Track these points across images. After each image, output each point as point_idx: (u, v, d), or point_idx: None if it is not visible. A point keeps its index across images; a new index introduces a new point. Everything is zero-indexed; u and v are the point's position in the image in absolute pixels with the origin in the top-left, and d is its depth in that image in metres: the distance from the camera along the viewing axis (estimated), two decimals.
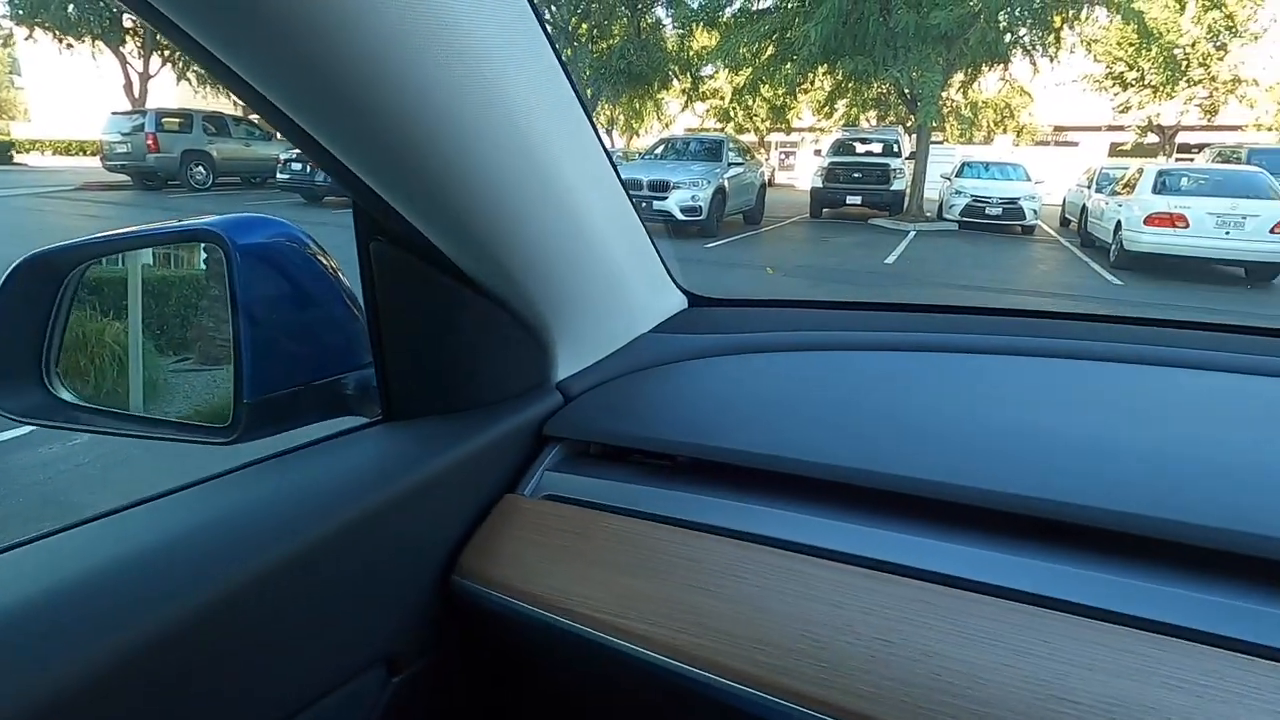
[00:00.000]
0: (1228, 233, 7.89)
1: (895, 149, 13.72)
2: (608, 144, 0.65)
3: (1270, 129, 20.97)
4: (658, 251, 0.79)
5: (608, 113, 19.94)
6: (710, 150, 11.43)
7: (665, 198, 9.98)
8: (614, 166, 0.66)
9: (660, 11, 14.94)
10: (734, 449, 0.57)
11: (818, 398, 0.67)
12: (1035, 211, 11.74)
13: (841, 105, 16.34)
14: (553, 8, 14.09)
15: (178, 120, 14.40)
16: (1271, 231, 7.70)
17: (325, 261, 0.66)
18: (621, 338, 0.73)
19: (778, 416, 0.63)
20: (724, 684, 0.44)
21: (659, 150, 12.14)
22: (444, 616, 0.55)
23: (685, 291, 0.89)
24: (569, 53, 14.41)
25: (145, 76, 18.39)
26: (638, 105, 19.90)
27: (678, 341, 0.78)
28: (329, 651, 0.48)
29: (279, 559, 0.44)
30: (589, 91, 14.80)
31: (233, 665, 0.42)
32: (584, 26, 14.60)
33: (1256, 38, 19.56)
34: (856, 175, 13.01)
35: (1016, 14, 11.60)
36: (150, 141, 13.70)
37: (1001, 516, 0.49)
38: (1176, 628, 0.41)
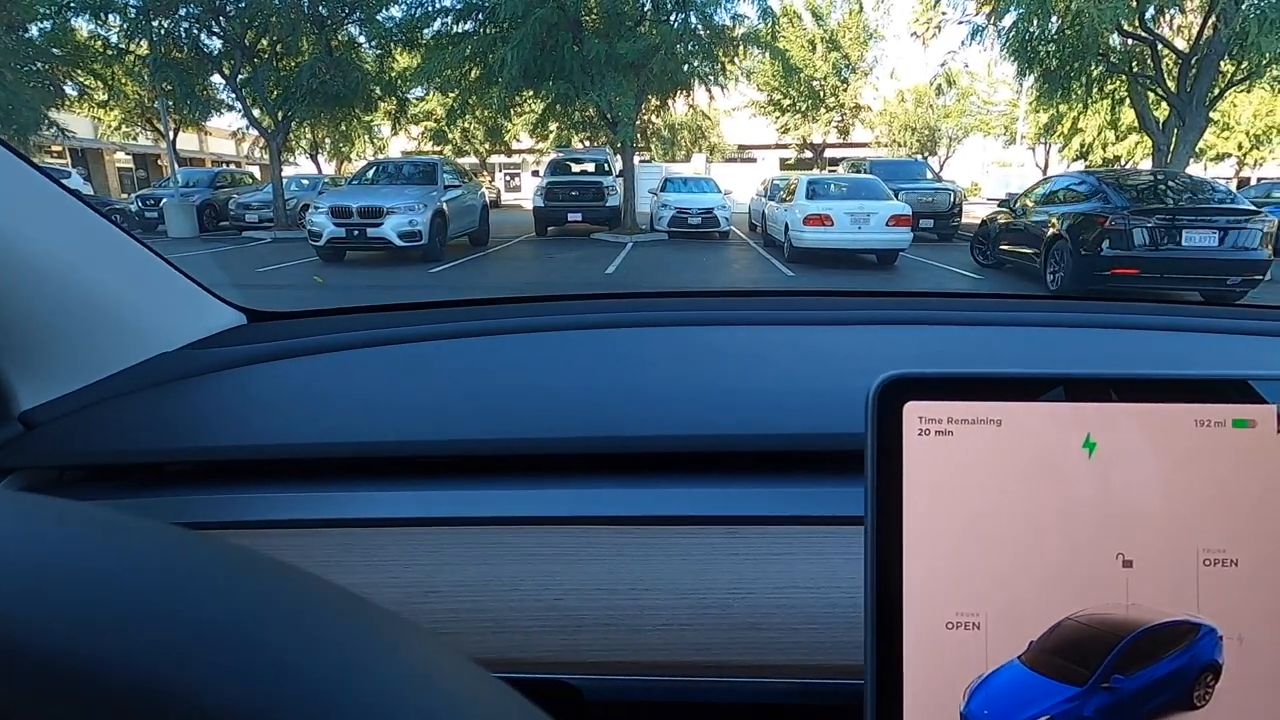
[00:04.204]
0: (860, 228, 9.84)
1: (606, 168, 14.73)
2: (312, 169, 0.62)
3: (884, 145, 26.90)
4: (183, 272, 0.77)
5: (309, 136, 18.38)
6: (425, 173, 11.14)
7: (380, 223, 9.49)
8: (80, 198, 0.62)
9: (355, 29, 14.13)
10: (210, 445, 0.58)
11: (331, 388, 0.70)
12: (728, 219, 13.47)
13: (554, 127, 17.12)
14: (220, 20, 12.56)
15: None
16: (887, 225, 9.80)
17: None
18: (122, 359, 0.69)
19: (283, 409, 0.66)
20: None
21: (369, 174, 11.50)
22: None
23: (241, 308, 0.87)
24: (247, 70, 12.96)
25: None
26: (344, 128, 18.63)
27: (216, 355, 0.76)
28: None
29: None
30: (280, 114, 13.46)
31: None
32: (264, 42, 13.20)
33: (866, 74, 24.96)
34: (575, 193, 13.69)
35: (690, 48, 13.23)
36: None
37: (480, 460, 0.57)
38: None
